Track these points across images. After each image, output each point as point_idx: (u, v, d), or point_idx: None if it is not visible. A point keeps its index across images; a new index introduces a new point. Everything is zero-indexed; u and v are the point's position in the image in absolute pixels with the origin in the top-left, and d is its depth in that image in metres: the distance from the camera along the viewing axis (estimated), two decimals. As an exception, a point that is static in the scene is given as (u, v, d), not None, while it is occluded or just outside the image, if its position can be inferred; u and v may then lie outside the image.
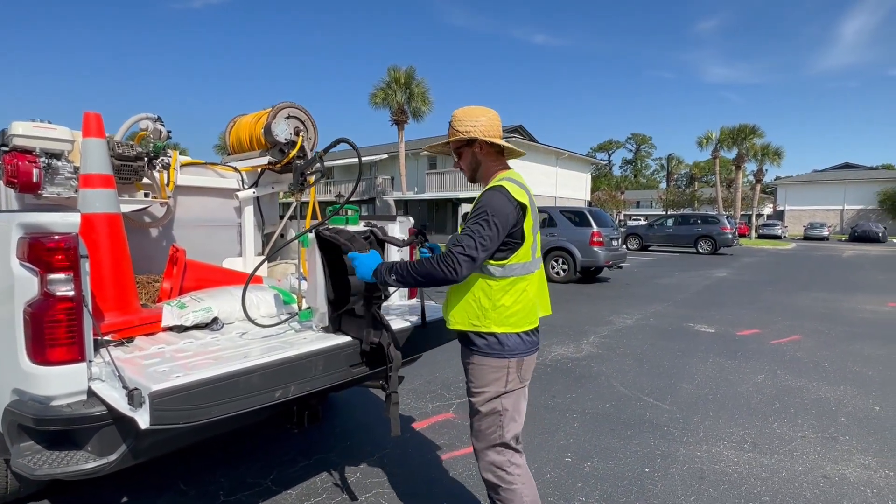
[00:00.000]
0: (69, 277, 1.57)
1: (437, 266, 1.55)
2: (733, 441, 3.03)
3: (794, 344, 5.45)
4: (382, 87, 24.26)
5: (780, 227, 36.65)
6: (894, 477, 2.63)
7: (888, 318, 6.96)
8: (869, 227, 33.03)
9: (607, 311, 7.32)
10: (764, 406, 3.61)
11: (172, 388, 1.37)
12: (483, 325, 1.66)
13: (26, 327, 1.55)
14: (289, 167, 3.22)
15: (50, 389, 1.56)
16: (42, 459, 1.58)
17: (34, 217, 1.58)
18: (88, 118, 2.01)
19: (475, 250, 1.54)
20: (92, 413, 1.56)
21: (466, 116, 1.73)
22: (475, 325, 1.67)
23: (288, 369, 1.64)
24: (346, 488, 2.44)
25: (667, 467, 2.70)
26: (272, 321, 2.14)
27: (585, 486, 2.50)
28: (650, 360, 4.77)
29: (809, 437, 3.10)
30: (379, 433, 3.07)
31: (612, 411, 3.48)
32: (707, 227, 19.85)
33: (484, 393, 1.70)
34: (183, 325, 2.11)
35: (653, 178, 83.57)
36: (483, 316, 1.66)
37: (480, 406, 1.71)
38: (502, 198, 1.60)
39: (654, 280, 11.16)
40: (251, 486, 2.45)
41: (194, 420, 1.41)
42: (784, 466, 2.73)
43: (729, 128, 33.15)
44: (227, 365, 1.53)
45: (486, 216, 1.57)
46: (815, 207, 45.51)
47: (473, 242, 1.55)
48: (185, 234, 3.06)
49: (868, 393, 3.90)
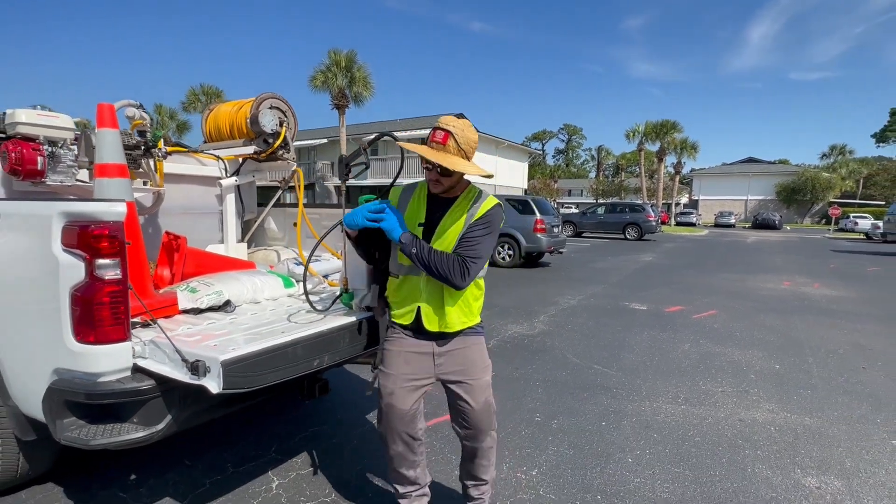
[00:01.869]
0: (116, 262, 1.68)
1: (452, 266, 1.69)
2: (669, 397, 3.60)
3: (711, 318, 6.28)
4: (322, 70, 23.62)
5: (695, 215, 40.20)
6: (791, 417, 3.28)
7: (784, 295, 8.12)
8: (768, 216, 37.09)
9: (552, 293, 7.92)
10: (691, 368, 4.25)
11: (239, 357, 1.56)
12: (472, 320, 1.89)
13: (74, 310, 1.66)
14: (272, 156, 3.34)
15: (99, 367, 1.68)
16: (93, 432, 1.70)
17: (79, 206, 1.67)
18: (102, 109, 2.06)
19: (485, 264, 1.80)
20: (141, 387, 1.70)
21: (471, 137, 1.74)
22: (465, 322, 1.86)
23: (324, 342, 1.87)
24: (347, 454, 2.68)
25: (619, 420, 3.19)
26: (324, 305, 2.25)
27: (555, 439, 2.91)
28: (595, 334, 5.34)
29: (727, 391, 3.74)
30: (364, 408, 3.32)
31: (569, 378, 3.95)
32: (634, 216, 21.44)
33: (489, 367, 1.95)
34: (198, 308, 2.24)
35: (583, 167, 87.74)
36: (471, 313, 1.88)
37: (489, 377, 1.94)
38: (501, 214, 1.85)
39: (590, 264, 12.05)
40: (256, 458, 2.63)
41: (255, 385, 1.61)
42: (709, 414, 3.31)
43: (653, 122, 35.65)
44: (274, 339, 1.73)
45: (494, 232, 1.80)
46: (724, 197, 50.14)
47: (485, 259, 1.77)
48: (169, 221, 3.10)
49: (770, 355, 4.68)
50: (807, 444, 2.92)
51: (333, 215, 3.44)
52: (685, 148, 37.22)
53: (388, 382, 1.85)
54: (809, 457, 2.76)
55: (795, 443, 2.92)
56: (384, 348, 1.91)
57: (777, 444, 2.91)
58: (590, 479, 2.50)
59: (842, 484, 2.49)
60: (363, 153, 2.18)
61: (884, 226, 18.14)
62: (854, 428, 3.14)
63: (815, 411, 3.39)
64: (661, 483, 2.47)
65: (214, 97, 31.54)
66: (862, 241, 24.47)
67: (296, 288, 2.71)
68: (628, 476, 2.53)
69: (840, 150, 50.01)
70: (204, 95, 30.94)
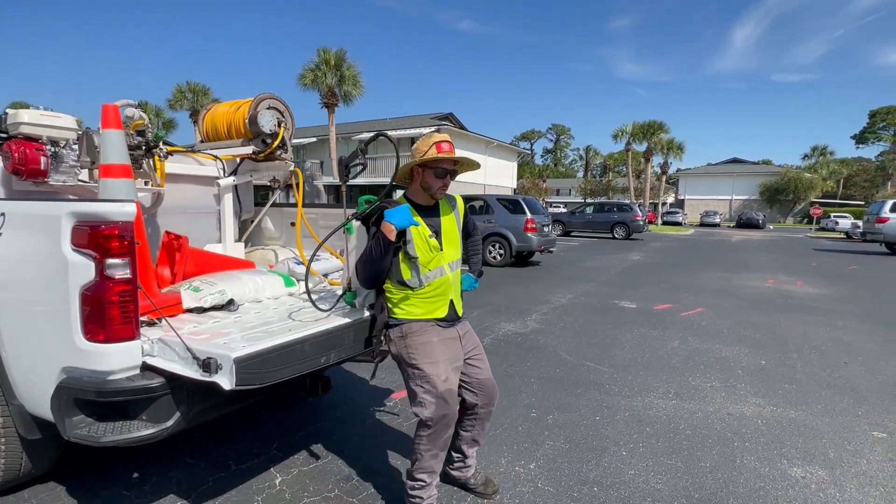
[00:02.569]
0: (126, 262, 1.71)
1: (482, 248, 2.05)
2: (660, 392, 3.70)
3: (699, 315, 6.43)
4: (312, 69, 23.51)
5: (681, 214, 40.74)
6: (777, 411, 3.40)
7: (768, 293, 8.32)
8: (752, 216, 37.78)
9: (542, 291, 8.02)
10: (680, 365, 4.36)
11: (251, 354, 1.59)
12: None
13: (84, 309, 1.68)
14: (270, 157, 3.36)
15: (109, 365, 1.70)
16: (102, 429, 1.73)
17: (89, 206, 1.69)
18: (107, 110, 2.08)
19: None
20: (151, 384, 1.73)
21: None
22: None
23: (331, 339, 1.91)
24: (348, 450, 2.72)
25: (612, 415, 3.27)
26: (329, 304, 2.28)
27: (552, 434, 2.99)
28: (586, 332, 5.43)
29: (716, 386, 3.85)
30: (363, 405, 3.36)
31: (563, 375, 4.03)
32: (622, 215, 21.69)
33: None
34: (202, 307, 2.26)
35: (571, 167, 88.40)
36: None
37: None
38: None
39: (579, 263, 12.19)
40: (258, 455, 2.65)
41: (266, 381, 1.64)
42: (699, 409, 3.41)
43: (640, 123, 36.08)
44: (284, 336, 1.77)
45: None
46: (709, 197, 50.92)
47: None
48: (167, 220, 3.10)
49: (756, 352, 4.81)
50: (792, 436, 3.02)
51: (330, 215, 3.47)
52: (671, 148, 37.75)
53: (438, 370, 1.93)
54: (795, 448, 2.87)
55: (781, 435, 3.03)
56: (420, 342, 2.00)
57: (764, 436, 3.01)
58: (586, 471, 2.57)
59: (825, 473, 2.60)
60: (360, 154, 2.23)
61: (863, 225, 18.60)
62: (837, 420, 3.26)
63: (799, 405, 3.51)
64: (655, 475, 2.55)
65: (201, 95, 31.14)
66: (843, 240, 25.06)
67: (297, 287, 2.74)
68: (623, 468, 2.61)
69: (821, 150, 51.08)
70: (191, 93, 30.55)
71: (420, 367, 1.94)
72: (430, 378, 1.92)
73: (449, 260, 2.11)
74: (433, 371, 1.93)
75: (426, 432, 1.93)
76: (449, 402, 1.93)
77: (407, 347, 1.99)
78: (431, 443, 1.94)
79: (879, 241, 16.16)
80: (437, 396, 1.90)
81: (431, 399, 1.90)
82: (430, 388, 1.91)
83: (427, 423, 1.91)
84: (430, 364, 1.94)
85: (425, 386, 1.92)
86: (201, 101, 30.94)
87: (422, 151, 2.03)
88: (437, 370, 1.93)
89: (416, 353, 1.97)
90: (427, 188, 2.07)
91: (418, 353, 1.97)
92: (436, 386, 1.91)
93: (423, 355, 1.96)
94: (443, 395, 1.91)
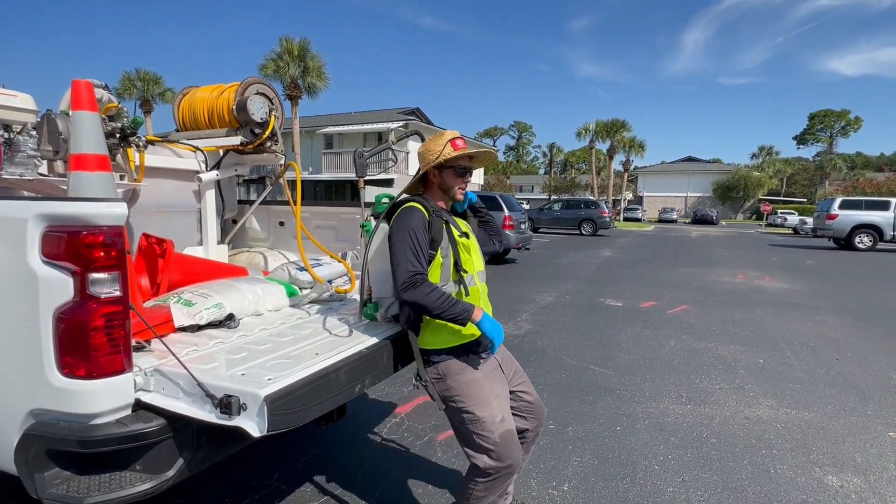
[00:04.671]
0: (114, 276, 1.36)
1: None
2: (672, 397, 3.58)
3: (685, 313, 6.44)
4: (274, 59, 22.55)
5: (641, 211, 42.00)
6: (791, 413, 3.34)
7: (742, 289, 8.51)
8: (706, 212, 39.43)
9: (526, 290, 7.88)
10: (683, 365, 4.29)
11: (284, 389, 1.28)
12: None
13: (59, 337, 1.32)
14: (259, 148, 2.99)
15: (92, 407, 1.35)
16: (85, 486, 1.38)
17: (64, 207, 1.33)
18: (79, 87, 1.69)
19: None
20: (148, 428, 1.39)
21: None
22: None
23: (366, 363, 1.62)
24: (360, 479, 2.43)
25: (632, 424, 3.12)
26: (353, 319, 2.03)
27: (576, 448, 2.79)
28: (581, 333, 5.31)
29: (724, 388, 3.78)
30: (368, 423, 3.07)
31: (570, 381, 3.86)
32: (589, 212, 22.02)
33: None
34: (197, 325, 1.91)
35: (533, 164, 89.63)
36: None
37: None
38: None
39: (554, 260, 12.18)
40: (258, 489, 2.32)
41: (299, 422, 1.34)
42: (716, 413, 3.31)
43: (604, 121, 36.89)
44: (313, 363, 1.47)
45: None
46: (666, 194, 52.79)
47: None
48: (141, 221, 2.69)
49: (751, 350, 4.81)
50: (815, 440, 2.96)
51: (330, 215, 3.15)
52: (633, 146, 38.79)
53: (493, 411, 1.68)
54: (822, 454, 2.79)
55: (804, 440, 2.96)
56: (464, 381, 1.72)
57: (788, 441, 2.93)
58: (623, 490, 2.39)
59: (860, 481, 2.53)
60: (389, 149, 2.00)
61: (814, 222, 19.62)
62: (850, 421, 3.23)
63: (810, 406, 3.47)
64: (694, 491, 2.40)
65: (152, 83, 29.44)
66: (791, 236, 26.44)
67: (300, 297, 2.42)
68: (660, 485, 2.44)
69: (768, 150, 53.93)
70: (140, 81, 28.86)
71: (470, 411, 1.68)
72: (485, 422, 1.65)
73: (478, 269, 1.93)
74: (486, 414, 1.66)
75: (484, 480, 1.67)
76: (511, 447, 1.67)
77: (449, 389, 1.73)
78: (488, 490, 1.68)
79: (829, 236, 17.06)
80: (495, 443, 1.65)
81: (490, 446, 1.64)
82: (486, 435, 1.65)
83: (487, 471, 1.66)
84: (481, 406, 1.68)
85: (481, 433, 1.65)
86: (152, 91, 29.28)
87: (436, 152, 1.83)
88: (490, 412, 1.67)
89: (462, 395, 1.71)
90: (447, 189, 1.90)
91: (464, 395, 1.70)
92: (493, 430, 1.65)
93: (471, 397, 1.69)
94: (503, 438, 1.66)
